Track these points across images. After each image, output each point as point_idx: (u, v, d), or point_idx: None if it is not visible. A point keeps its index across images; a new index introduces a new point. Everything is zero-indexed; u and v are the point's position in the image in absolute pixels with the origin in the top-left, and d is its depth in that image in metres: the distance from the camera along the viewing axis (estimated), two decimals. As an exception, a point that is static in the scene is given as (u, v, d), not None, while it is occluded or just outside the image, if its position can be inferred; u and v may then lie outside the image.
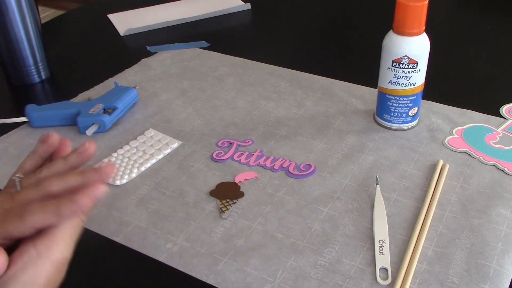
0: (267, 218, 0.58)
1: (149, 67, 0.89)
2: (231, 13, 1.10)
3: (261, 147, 0.69)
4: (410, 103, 0.69)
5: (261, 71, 0.87)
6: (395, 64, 0.66)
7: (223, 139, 0.71)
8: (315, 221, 0.58)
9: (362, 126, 0.73)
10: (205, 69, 0.88)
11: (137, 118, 0.76)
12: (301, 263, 0.53)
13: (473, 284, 0.50)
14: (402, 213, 0.58)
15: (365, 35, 1.00)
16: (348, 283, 0.50)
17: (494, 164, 0.65)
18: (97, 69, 0.91)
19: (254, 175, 0.64)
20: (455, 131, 0.71)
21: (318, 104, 0.78)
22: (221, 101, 0.79)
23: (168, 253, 0.54)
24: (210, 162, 0.67)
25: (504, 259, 0.52)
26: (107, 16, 1.10)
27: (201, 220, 0.58)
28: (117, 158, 0.67)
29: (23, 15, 0.81)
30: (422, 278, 0.51)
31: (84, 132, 0.72)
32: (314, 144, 0.69)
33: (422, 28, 0.65)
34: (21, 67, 0.85)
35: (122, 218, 0.59)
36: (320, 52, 0.96)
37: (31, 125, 0.74)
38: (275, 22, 1.07)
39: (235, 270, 0.52)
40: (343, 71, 0.86)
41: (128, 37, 1.02)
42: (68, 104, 0.75)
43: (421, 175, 0.64)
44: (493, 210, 0.58)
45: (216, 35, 1.00)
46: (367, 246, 0.54)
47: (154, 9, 1.12)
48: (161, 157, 0.68)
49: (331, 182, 0.63)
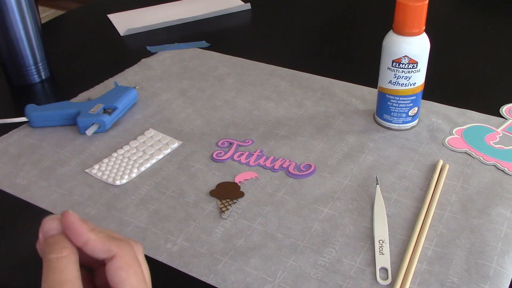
0: (267, 218, 0.58)
1: (149, 67, 0.89)
2: (231, 13, 1.10)
3: (261, 147, 0.69)
4: (410, 103, 0.69)
5: (261, 71, 0.87)
6: (395, 64, 0.66)
7: (223, 139, 0.71)
8: (315, 221, 0.58)
9: (362, 126, 0.73)
10: (205, 69, 0.88)
11: (137, 118, 0.76)
12: (301, 263, 0.53)
13: (473, 284, 0.50)
14: (402, 213, 0.58)
15: (365, 35, 1.00)
16: (348, 283, 0.50)
17: (494, 164, 0.65)
18: (97, 69, 0.91)
19: (254, 175, 0.64)
20: (455, 131, 0.71)
21: (318, 104, 0.78)
22: (221, 101, 0.79)
23: (168, 253, 0.54)
24: (210, 162, 0.67)
25: (504, 259, 0.52)
26: (107, 16, 1.10)
27: (201, 220, 0.58)
28: (117, 158, 0.67)
29: (23, 15, 0.81)
30: (422, 278, 0.51)
31: (84, 132, 0.72)
32: (314, 144, 0.69)
33: (422, 28, 0.65)
34: (21, 67, 0.85)
35: (122, 218, 0.59)
36: (320, 52, 0.96)
37: (31, 125, 0.74)
38: (275, 22, 1.07)
39: (235, 270, 0.52)
40: (343, 71, 0.86)
41: (128, 37, 1.02)
42: (68, 104, 0.75)
43: (421, 175, 0.64)
44: (493, 210, 0.58)
45: (216, 35, 1.00)
46: (367, 246, 0.54)
47: (154, 9, 1.12)
48: (161, 157, 0.68)
49: (331, 182, 0.63)
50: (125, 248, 0.37)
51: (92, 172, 0.65)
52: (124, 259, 0.37)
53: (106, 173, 0.65)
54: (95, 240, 0.37)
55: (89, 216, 0.59)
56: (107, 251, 0.37)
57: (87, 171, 0.66)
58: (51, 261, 0.35)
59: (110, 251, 0.37)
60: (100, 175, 0.65)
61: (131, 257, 0.37)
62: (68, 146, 0.71)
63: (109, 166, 0.66)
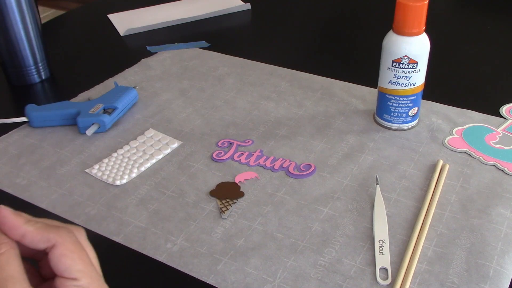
0: (267, 218, 0.58)
1: (149, 67, 0.89)
2: (231, 13, 1.10)
3: (261, 147, 0.69)
4: (410, 103, 0.69)
5: (261, 71, 0.87)
6: (395, 64, 0.66)
7: (223, 139, 0.71)
8: (315, 221, 0.58)
9: (362, 126, 0.73)
10: (205, 69, 0.88)
11: (137, 118, 0.76)
12: (301, 263, 0.53)
13: (473, 284, 0.50)
14: (402, 213, 0.58)
15: (365, 35, 1.00)
16: (348, 283, 0.51)
17: (494, 164, 0.65)
18: (97, 69, 0.91)
19: (254, 175, 0.64)
20: (455, 131, 0.71)
21: (318, 104, 0.78)
22: (221, 101, 0.79)
23: (168, 253, 0.54)
24: (210, 162, 0.67)
25: (504, 259, 0.52)
26: (107, 16, 1.10)
27: (201, 220, 0.58)
28: (117, 158, 0.67)
29: (23, 15, 0.81)
30: (422, 278, 0.51)
31: (84, 132, 0.72)
32: (314, 144, 0.69)
33: (422, 28, 0.65)
34: (21, 67, 0.85)
35: (122, 218, 0.59)
36: (320, 52, 0.96)
37: (31, 125, 0.74)
38: (275, 22, 1.07)
39: (235, 270, 0.52)
40: (343, 71, 0.86)
41: (128, 37, 1.02)
42: (68, 104, 0.75)
43: (421, 175, 0.64)
44: (493, 210, 0.58)
45: (216, 35, 1.00)
46: (367, 246, 0.54)
47: (154, 9, 1.12)
48: (161, 157, 0.68)
49: (331, 182, 0.63)
50: (65, 235, 0.36)
51: (92, 172, 0.65)
52: (65, 246, 0.36)
53: (106, 173, 0.65)
54: (33, 231, 0.36)
55: (89, 216, 0.59)
56: (46, 240, 0.35)
57: (87, 171, 0.66)
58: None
59: (49, 240, 0.35)
60: (100, 175, 0.65)
61: (72, 242, 0.36)
62: (68, 146, 0.71)
63: (109, 166, 0.66)
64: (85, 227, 0.58)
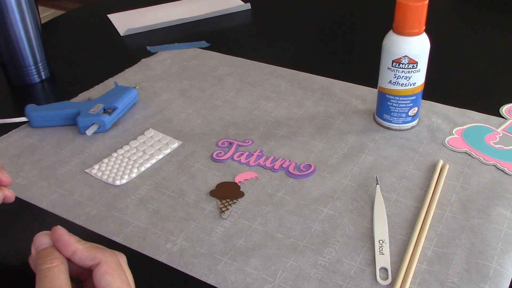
0: (267, 218, 0.58)
1: (149, 67, 0.89)
2: (231, 13, 1.10)
3: (261, 147, 0.69)
4: (410, 103, 0.69)
5: (261, 71, 0.87)
6: (395, 64, 0.66)
7: (223, 139, 0.71)
8: (315, 221, 0.58)
9: (362, 126, 0.73)
10: (205, 69, 0.88)
11: (137, 118, 0.76)
12: (301, 263, 0.53)
13: (473, 284, 0.50)
14: (402, 213, 0.58)
15: (365, 35, 1.00)
16: (348, 283, 0.51)
17: (494, 164, 0.65)
18: (97, 69, 0.91)
19: (254, 175, 0.64)
20: (455, 131, 0.71)
21: (318, 104, 0.78)
22: (221, 101, 0.79)
23: (168, 253, 0.54)
24: (210, 162, 0.67)
25: (504, 259, 0.52)
26: (107, 16, 1.10)
27: (201, 220, 0.58)
28: (117, 158, 0.67)
29: (23, 15, 0.81)
30: (422, 278, 0.51)
31: (84, 132, 0.72)
32: (314, 144, 0.69)
33: (422, 28, 0.65)
34: (21, 67, 0.85)
35: (122, 218, 0.59)
36: (320, 52, 0.96)
37: (31, 125, 0.74)
38: (275, 22, 1.07)
39: (235, 270, 0.52)
40: (343, 71, 0.86)
41: (128, 37, 1.02)
42: (68, 104, 0.75)
43: (421, 175, 0.64)
44: (493, 210, 0.58)
45: (216, 35, 1.00)
46: (367, 246, 0.54)
47: (154, 9, 1.12)
48: (161, 157, 0.68)
49: (331, 182, 0.63)
50: (109, 255, 0.41)
51: (92, 172, 0.65)
52: (108, 264, 0.41)
53: (106, 173, 0.65)
54: (82, 250, 0.41)
55: (89, 216, 0.59)
56: (93, 258, 0.41)
57: (87, 171, 0.66)
58: (43, 271, 0.39)
59: (96, 258, 0.41)
60: (100, 175, 0.65)
61: (115, 263, 0.41)
62: (68, 146, 0.71)
63: (109, 166, 0.66)
64: (85, 227, 0.58)
